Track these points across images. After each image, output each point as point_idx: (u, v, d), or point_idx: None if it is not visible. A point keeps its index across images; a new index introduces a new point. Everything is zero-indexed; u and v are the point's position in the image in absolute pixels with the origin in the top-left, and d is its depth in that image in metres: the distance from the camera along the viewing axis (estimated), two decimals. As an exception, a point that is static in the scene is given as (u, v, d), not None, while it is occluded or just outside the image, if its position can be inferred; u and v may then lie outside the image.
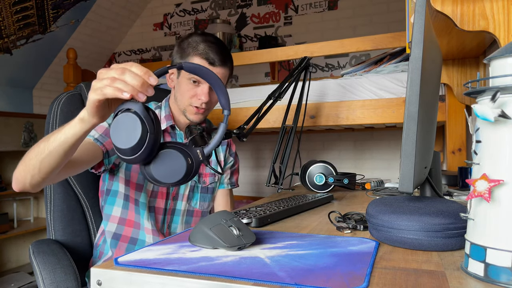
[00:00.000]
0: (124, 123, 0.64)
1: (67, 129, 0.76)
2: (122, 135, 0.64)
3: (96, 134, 1.02)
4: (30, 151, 0.82)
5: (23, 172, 0.83)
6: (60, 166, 0.81)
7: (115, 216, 1.12)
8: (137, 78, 0.64)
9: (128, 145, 0.63)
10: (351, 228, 0.73)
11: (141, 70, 0.65)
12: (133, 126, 0.63)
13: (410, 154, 0.58)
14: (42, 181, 0.83)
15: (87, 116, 0.72)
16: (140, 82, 0.64)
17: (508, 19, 0.88)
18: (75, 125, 0.74)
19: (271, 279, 0.46)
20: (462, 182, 1.23)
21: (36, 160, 0.79)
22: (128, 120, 0.64)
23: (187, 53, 1.12)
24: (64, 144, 0.76)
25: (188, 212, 1.21)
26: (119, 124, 0.64)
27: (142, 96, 0.65)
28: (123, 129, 0.64)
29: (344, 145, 2.97)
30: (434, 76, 0.76)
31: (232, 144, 1.37)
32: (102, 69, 0.67)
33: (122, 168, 1.12)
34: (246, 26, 3.50)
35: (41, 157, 0.78)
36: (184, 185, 1.19)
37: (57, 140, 0.76)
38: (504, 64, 0.46)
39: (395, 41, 1.73)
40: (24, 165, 0.82)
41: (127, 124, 0.64)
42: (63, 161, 0.80)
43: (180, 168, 0.68)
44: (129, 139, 0.63)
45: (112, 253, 1.11)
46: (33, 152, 0.80)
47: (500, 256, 0.44)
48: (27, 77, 3.28)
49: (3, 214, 2.80)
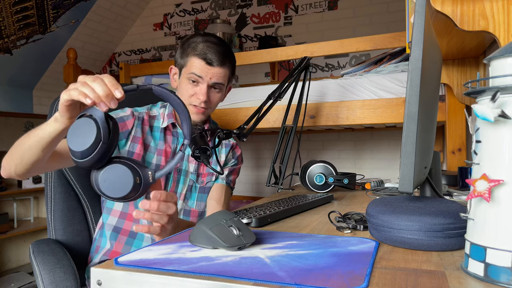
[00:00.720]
0: (81, 127, 0.67)
1: (44, 126, 0.81)
2: (77, 137, 0.67)
3: None
4: (16, 143, 0.87)
5: (8, 161, 0.88)
6: (40, 160, 0.85)
7: (116, 210, 1.13)
8: (105, 88, 0.69)
9: (80, 148, 0.66)
10: (351, 228, 0.74)
11: (111, 82, 0.69)
12: (89, 132, 0.66)
13: (410, 154, 0.58)
14: (26, 171, 0.88)
15: (59, 116, 0.77)
16: (105, 92, 0.68)
17: (508, 19, 0.88)
18: (51, 123, 0.79)
19: (271, 279, 0.46)
20: (462, 182, 1.23)
21: (19, 151, 0.85)
22: (85, 124, 0.67)
23: (186, 53, 1.14)
24: (42, 140, 0.81)
25: (185, 211, 1.21)
26: (77, 127, 0.68)
27: (103, 106, 0.69)
28: (80, 132, 0.67)
29: (344, 145, 2.97)
30: (434, 76, 0.76)
31: (237, 147, 1.36)
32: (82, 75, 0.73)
33: None
34: (246, 26, 3.50)
35: (22, 150, 0.84)
36: (182, 184, 1.20)
37: (36, 136, 0.81)
38: (504, 64, 0.46)
39: (395, 41, 1.73)
40: (10, 154, 0.88)
41: (83, 129, 0.67)
42: (42, 156, 0.84)
43: (126, 184, 0.69)
44: (82, 143, 0.66)
45: (111, 246, 1.12)
46: (17, 144, 0.86)
47: (500, 256, 0.44)
48: (27, 77, 3.28)
49: (3, 214, 2.80)
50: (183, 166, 1.20)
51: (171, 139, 1.19)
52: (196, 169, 1.22)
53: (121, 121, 1.11)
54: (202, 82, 1.13)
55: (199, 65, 1.12)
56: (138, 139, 1.13)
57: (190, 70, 1.12)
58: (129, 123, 1.13)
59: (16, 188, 2.98)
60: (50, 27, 3.17)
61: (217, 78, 1.13)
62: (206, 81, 1.13)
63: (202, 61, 1.11)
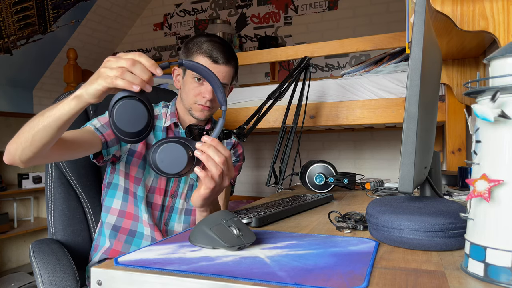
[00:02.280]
0: (132, 109, 0.71)
1: (61, 106, 0.79)
2: (129, 119, 0.71)
3: (98, 124, 1.05)
4: (25, 125, 0.84)
5: (15, 145, 0.85)
6: (52, 141, 0.83)
7: (115, 208, 1.14)
8: (146, 71, 0.71)
9: (134, 129, 0.72)
10: (351, 228, 0.74)
11: (149, 62, 0.71)
12: (141, 115, 0.71)
13: (410, 154, 0.58)
14: (33, 155, 0.85)
15: (86, 95, 0.76)
16: (148, 75, 0.70)
17: (508, 19, 0.88)
18: (70, 101, 0.78)
19: (271, 279, 0.46)
20: (462, 182, 1.23)
21: (29, 134, 0.82)
22: (136, 108, 0.71)
23: (191, 52, 1.14)
24: (58, 120, 0.79)
25: (186, 211, 1.21)
26: (127, 109, 0.71)
27: (149, 88, 0.71)
28: (131, 114, 0.71)
29: (344, 145, 2.97)
30: (434, 76, 0.76)
31: (238, 146, 1.36)
32: (111, 57, 0.72)
33: (123, 161, 1.13)
34: (246, 26, 3.50)
35: (34, 131, 0.81)
36: (183, 183, 1.20)
37: (52, 116, 0.79)
38: (504, 64, 0.46)
39: (395, 41, 1.73)
40: (17, 138, 0.85)
41: (135, 111, 0.71)
42: (55, 137, 0.83)
43: (181, 159, 0.74)
44: (135, 125, 0.72)
45: (110, 244, 1.12)
46: (27, 126, 0.83)
47: (500, 256, 0.44)
48: (27, 77, 3.28)
49: (3, 214, 2.80)
50: None
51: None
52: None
53: None
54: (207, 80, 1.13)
55: (205, 63, 1.11)
56: None
57: None
58: None
59: (16, 188, 2.98)
60: (50, 27, 3.17)
61: (222, 76, 1.13)
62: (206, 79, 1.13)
63: (208, 59, 1.11)
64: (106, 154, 1.07)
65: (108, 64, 0.72)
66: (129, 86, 0.69)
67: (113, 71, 0.70)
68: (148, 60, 0.71)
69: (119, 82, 0.70)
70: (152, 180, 1.15)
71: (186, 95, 1.15)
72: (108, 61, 0.72)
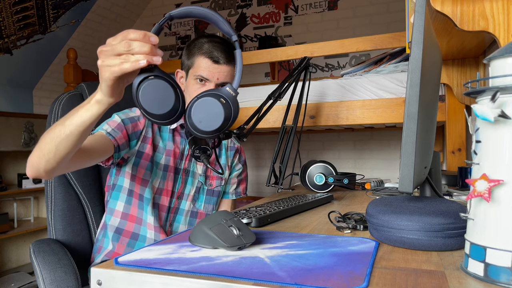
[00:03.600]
0: (156, 89, 0.66)
1: (83, 112, 0.76)
2: (157, 100, 0.66)
3: (109, 128, 1.04)
4: (45, 136, 0.82)
5: (37, 158, 0.83)
6: (75, 149, 0.81)
7: (119, 210, 1.14)
8: (143, 44, 0.65)
9: (165, 110, 0.67)
10: (351, 228, 0.74)
11: (139, 34, 0.66)
12: (168, 93, 0.66)
13: (410, 154, 0.58)
14: (57, 165, 0.83)
15: (105, 97, 0.73)
16: (148, 47, 0.65)
17: (508, 19, 0.88)
18: (91, 107, 0.75)
19: (271, 279, 0.46)
20: (462, 182, 1.23)
21: (52, 144, 0.79)
22: (159, 86, 0.66)
23: (192, 53, 1.15)
24: (81, 126, 0.77)
25: (192, 213, 1.22)
26: (151, 90, 0.66)
27: (157, 59, 0.66)
28: (157, 95, 0.66)
29: (344, 145, 2.97)
30: (434, 76, 0.76)
31: (242, 151, 1.37)
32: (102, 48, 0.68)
33: (130, 163, 1.13)
34: (246, 26, 3.50)
35: (57, 141, 0.78)
36: (190, 185, 1.21)
37: (74, 124, 0.77)
38: (504, 64, 0.46)
39: (395, 41, 1.73)
40: (39, 150, 0.82)
41: (161, 91, 0.66)
42: (78, 144, 0.81)
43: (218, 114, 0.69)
44: (165, 105, 0.66)
45: (113, 247, 1.12)
46: (48, 136, 0.80)
47: (499, 256, 0.44)
48: (27, 77, 3.28)
49: (3, 214, 2.80)
50: (191, 167, 1.21)
51: (180, 140, 1.20)
52: (204, 171, 1.23)
53: (133, 121, 1.11)
54: (210, 81, 1.13)
55: (206, 64, 1.12)
56: (148, 139, 1.14)
57: (198, 70, 1.13)
58: (141, 124, 1.13)
59: (16, 188, 2.98)
60: (50, 27, 3.17)
61: (224, 77, 1.14)
62: (213, 81, 1.13)
63: (209, 60, 1.12)
64: (116, 158, 1.06)
65: (104, 57, 0.68)
66: (136, 64, 0.65)
67: (114, 60, 0.67)
68: (138, 33, 0.66)
69: (125, 66, 0.65)
70: (159, 181, 1.15)
71: (190, 96, 1.16)
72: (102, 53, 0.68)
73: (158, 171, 1.15)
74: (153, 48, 0.66)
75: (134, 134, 1.11)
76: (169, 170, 1.16)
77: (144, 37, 0.65)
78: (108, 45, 0.67)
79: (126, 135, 1.07)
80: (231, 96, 0.71)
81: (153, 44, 0.66)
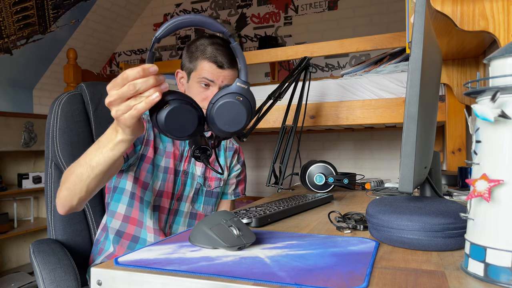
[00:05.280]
0: (177, 114, 0.68)
1: (109, 152, 0.77)
2: (180, 124, 0.69)
3: None
4: (71, 177, 0.85)
5: (68, 197, 0.88)
6: (106, 182, 0.86)
7: (120, 213, 1.13)
8: (147, 79, 0.65)
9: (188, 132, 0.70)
10: (351, 228, 0.74)
11: (139, 72, 0.65)
12: (190, 116, 0.70)
13: (410, 154, 0.58)
14: (87, 199, 0.89)
15: (129, 136, 0.74)
16: (152, 80, 0.65)
17: (508, 19, 0.88)
18: (117, 147, 0.76)
19: (271, 279, 0.46)
20: (462, 182, 1.23)
21: (82, 184, 0.83)
22: (182, 111, 0.69)
23: (195, 57, 1.13)
24: (109, 164, 0.80)
25: (191, 214, 1.22)
26: (173, 117, 0.68)
27: (164, 87, 0.67)
28: (179, 120, 0.69)
29: (344, 145, 2.97)
30: (434, 76, 0.76)
31: (241, 152, 1.37)
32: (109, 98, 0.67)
33: (134, 166, 1.13)
34: (246, 26, 3.50)
35: (87, 181, 0.82)
36: (189, 187, 1.20)
37: (102, 163, 0.79)
38: (504, 64, 0.46)
39: (395, 41, 1.73)
40: (68, 191, 0.86)
41: (181, 115, 0.69)
42: (108, 178, 0.85)
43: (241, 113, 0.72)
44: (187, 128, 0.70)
45: (113, 249, 1.12)
46: (76, 178, 0.83)
47: (500, 256, 0.44)
48: (27, 77, 3.28)
49: (3, 214, 2.80)
50: (190, 169, 1.20)
51: (179, 142, 1.20)
52: (203, 172, 1.22)
53: None
54: (213, 85, 1.12)
55: (210, 68, 1.11)
56: (150, 142, 1.13)
57: (201, 74, 1.12)
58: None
59: (16, 188, 2.98)
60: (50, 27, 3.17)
61: (228, 80, 1.13)
62: (217, 84, 1.12)
63: (213, 64, 1.11)
64: (125, 166, 1.07)
65: (116, 107, 0.67)
66: (151, 101, 0.65)
67: (127, 106, 0.66)
68: (136, 70, 0.65)
69: (140, 107, 0.66)
70: (160, 183, 1.15)
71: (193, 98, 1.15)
72: (112, 104, 0.67)
73: (158, 173, 1.14)
74: (157, 78, 0.66)
75: (137, 140, 1.11)
76: (169, 172, 1.16)
77: (144, 72, 0.65)
78: (114, 95, 0.67)
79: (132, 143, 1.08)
80: (244, 90, 0.73)
81: (154, 74, 0.66)
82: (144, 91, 0.65)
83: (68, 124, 1.19)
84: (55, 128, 1.18)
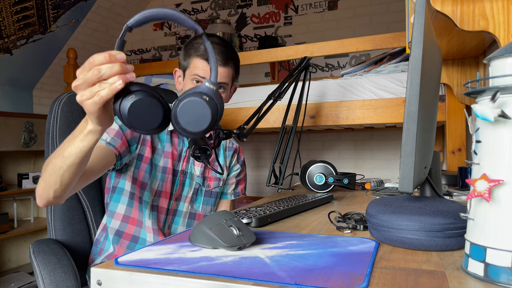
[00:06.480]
0: (144, 108, 0.64)
1: (79, 143, 0.76)
2: (145, 117, 0.65)
3: (108, 138, 1.03)
4: (47, 168, 0.84)
5: (45, 189, 0.86)
6: (79, 174, 0.84)
7: (119, 213, 1.13)
8: (112, 65, 0.63)
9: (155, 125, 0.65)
10: (351, 228, 0.74)
11: (103, 55, 0.63)
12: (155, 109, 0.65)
13: (410, 154, 0.58)
14: (64, 193, 0.87)
15: (97, 126, 0.72)
16: (118, 67, 0.63)
17: (508, 19, 0.88)
18: (86, 137, 0.74)
19: (271, 279, 0.46)
20: (462, 182, 1.23)
21: (56, 175, 0.81)
22: (147, 104, 0.64)
23: (189, 54, 1.14)
24: (80, 155, 0.77)
25: (190, 214, 1.22)
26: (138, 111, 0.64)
27: (131, 76, 0.64)
28: (145, 113, 0.64)
29: (344, 145, 2.97)
30: (434, 76, 0.76)
31: (241, 152, 1.37)
32: (76, 81, 0.66)
33: (132, 166, 1.12)
34: (246, 26, 3.50)
35: (60, 172, 0.81)
36: (188, 187, 1.20)
37: (73, 154, 0.77)
38: (504, 64, 0.46)
39: (395, 41, 1.73)
40: (44, 182, 0.85)
41: (147, 108, 0.64)
42: (81, 170, 0.83)
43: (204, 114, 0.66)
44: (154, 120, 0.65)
45: (113, 249, 1.12)
46: (50, 168, 0.82)
47: (500, 256, 0.44)
48: (27, 77, 3.28)
49: (3, 214, 2.80)
50: (189, 169, 1.20)
51: (177, 142, 1.20)
52: (202, 172, 1.22)
53: None
54: None
55: (202, 65, 1.11)
56: (147, 142, 1.13)
57: (193, 71, 1.12)
58: None
59: (16, 188, 2.98)
60: (50, 27, 3.17)
61: (220, 77, 1.13)
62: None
63: (204, 62, 1.11)
64: (118, 165, 1.06)
65: (81, 92, 0.66)
66: (114, 88, 0.62)
67: (90, 91, 0.64)
68: (102, 55, 0.63)
69: (103, 93, 0.63)
70: (158, 184, 1.15)
71: None
72: (77, 88, 0.66)
73: (157, 173, 1.14)
74: (123, 65, 0.63)
75: (133, 139, 1.10)
76: (167, 172, 1.16)
77: (109, 58, 0.63)
78: (80, 79, 0.65)
79: (125, 141, 1.07)
80: (212, 91, 0.67)
81: (120, 61, 0.63)
82: (108, 77, 0.63)
83: (68, 124, 1.19)
84: (55, 128, 1.18)
